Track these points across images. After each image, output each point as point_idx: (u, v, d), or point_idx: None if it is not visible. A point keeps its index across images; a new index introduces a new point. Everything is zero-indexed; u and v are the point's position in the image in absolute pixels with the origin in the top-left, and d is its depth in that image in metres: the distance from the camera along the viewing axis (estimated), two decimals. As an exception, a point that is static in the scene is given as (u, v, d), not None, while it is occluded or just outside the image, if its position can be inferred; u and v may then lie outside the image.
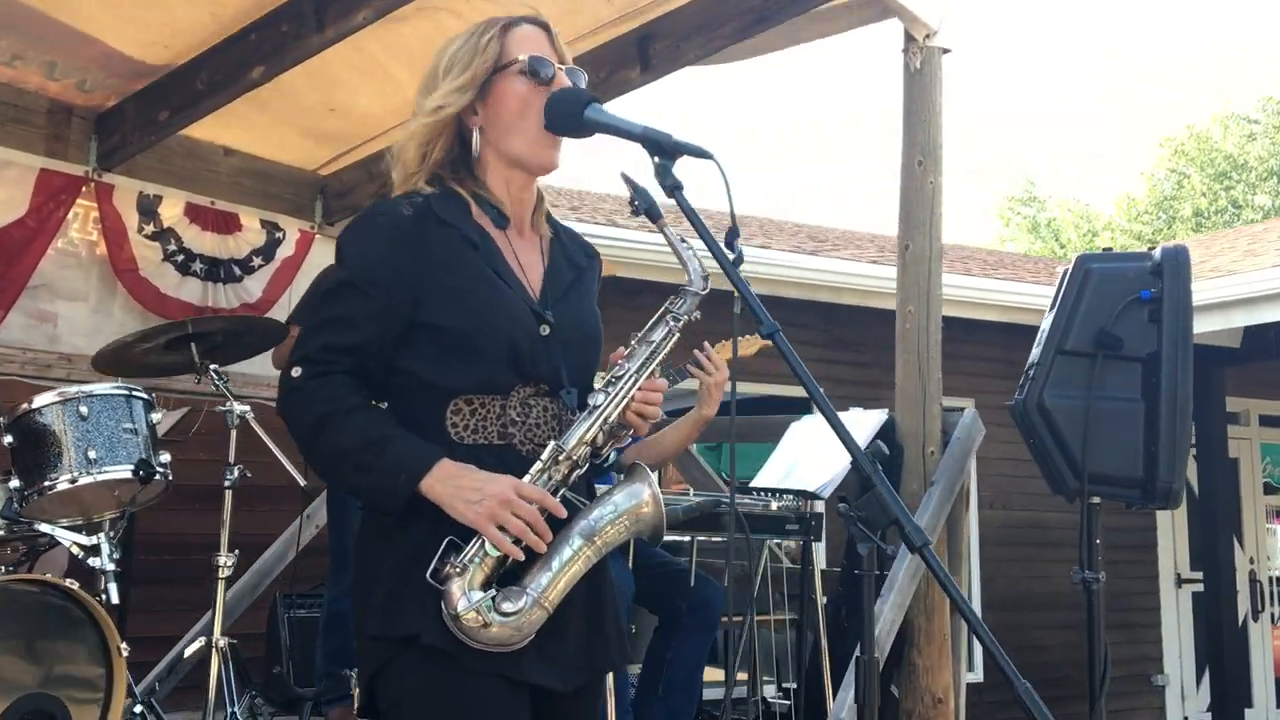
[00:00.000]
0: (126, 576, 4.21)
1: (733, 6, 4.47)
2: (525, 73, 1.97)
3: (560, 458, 1.89)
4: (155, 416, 3.49)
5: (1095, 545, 4.01)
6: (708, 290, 2.03)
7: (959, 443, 4.34)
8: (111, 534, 3.39)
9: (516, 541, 1.82)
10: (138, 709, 3.44)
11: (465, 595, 1.80)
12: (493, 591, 1.82)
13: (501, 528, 1.81)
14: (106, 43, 4.55)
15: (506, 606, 1.81)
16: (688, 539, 3.84)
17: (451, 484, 1.83)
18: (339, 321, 1.90)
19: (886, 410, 4.34)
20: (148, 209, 5.06)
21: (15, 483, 3.30)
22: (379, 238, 1.93)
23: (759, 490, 4.13)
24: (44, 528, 3.31)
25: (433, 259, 1.91)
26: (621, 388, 1.95)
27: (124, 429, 3.35)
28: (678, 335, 2.03)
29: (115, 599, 3.32)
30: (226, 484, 3.62)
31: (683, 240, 2.03)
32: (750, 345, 3.82)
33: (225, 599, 4.86)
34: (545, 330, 1.96)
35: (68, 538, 3.33)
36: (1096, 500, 4.00)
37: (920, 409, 4.34)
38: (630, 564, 3.77)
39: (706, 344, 3.77)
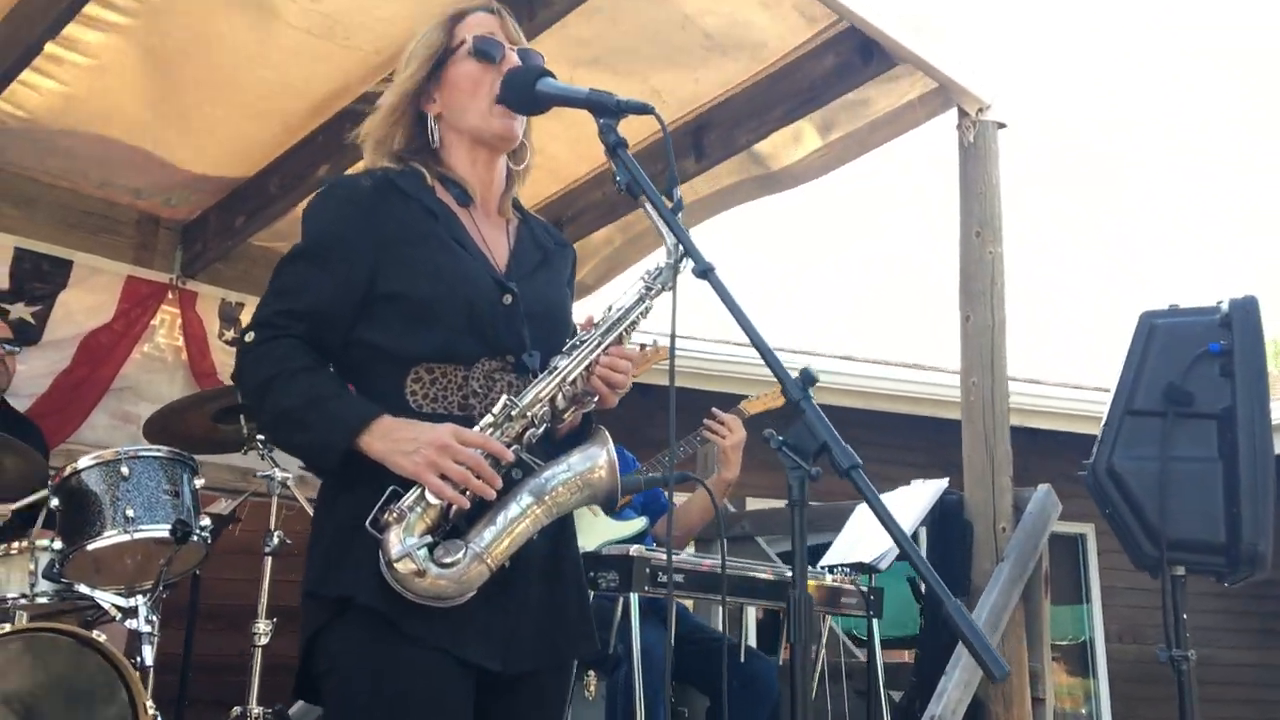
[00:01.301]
0: (181, 700, 4.20)
1: (781, 91, 4.52)
2: (473, 53, 2.03)
3: (513, 414, 1.84)
4: (198, 482, 3.54)
5: (1183, 621, 3.72)
6: (683, 263, 1.99)
7: (1032, 517, 4.10)
8: (149, 597, 3.40)
9: (464, 492, 1.77)
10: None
11: (401, 542, 1.74)
12: (429, 539, 1.75)
13: (444, 476, 1.76)
14: (188, 169, 4.85)
15: (445, 558, 1.74)
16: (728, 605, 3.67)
17: (389, 438, 1.79)
18: (294, 288, 1.92)
19: (946, 480, 4.16)
20: (229, 315, 5.27)
21: (58, 544, 3.36)
22: (336, 209, 1.96)
23: (815, 566, 3.95)
24: (82, 589, 3.35)
25: (391, 228, 1.92)
26: (585, 349, 1.91)
27: (164, 490, 3.40)
28: (650, 305, 2.00)
29: (149, 661, 3.32)
30: (266, 551, 3.64)
31: (661, 216, 2.01)
32: (759, 404, 3.75)
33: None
34: (508, 300, 1.94)
35: (106, 599, 3.36)
36: (1181, 571, 3.74)
37: (989, 483, 4.14)
38: (673, 637, 3.64)
39: (715, 409, 3.70)
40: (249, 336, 1.90)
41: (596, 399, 1.96)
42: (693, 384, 6.59)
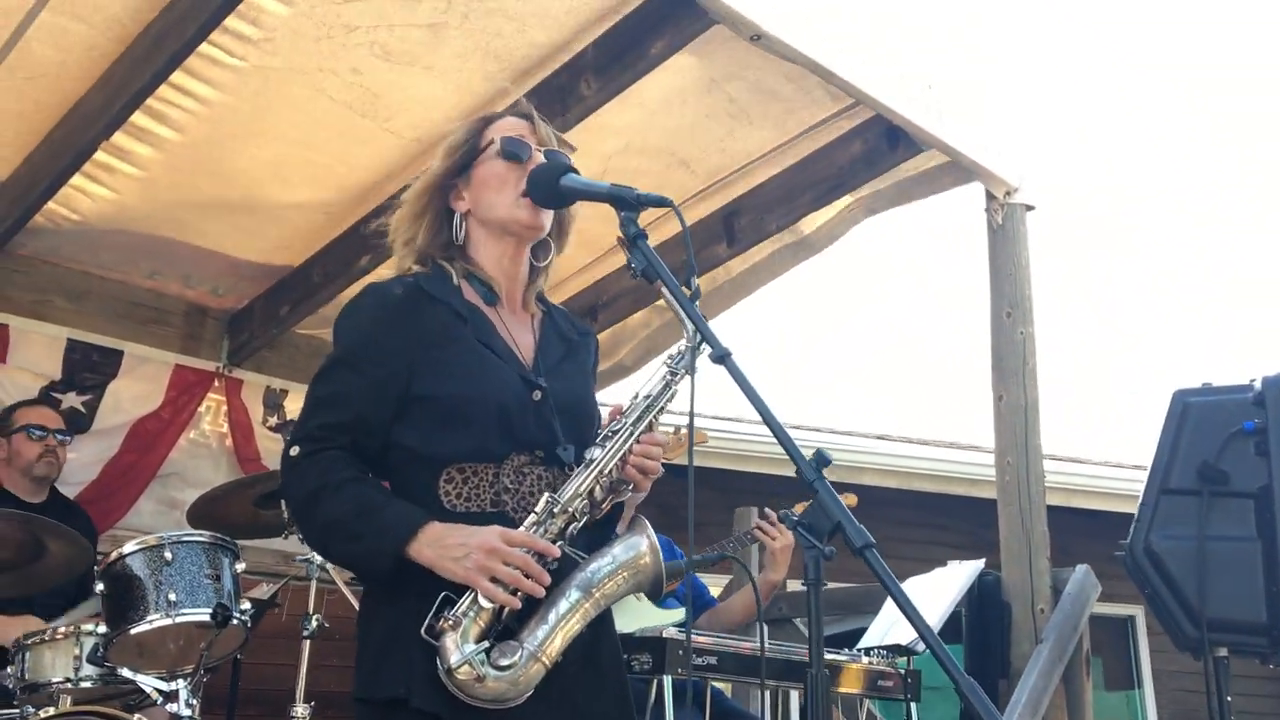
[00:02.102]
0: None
1: (810, 177, 4.61)
2: (501, 154, 2.11)
3: (555, 510, 1.89)
4: (240, 566, 3.60)
5: (1227, 704, 3.67)
6: (703, 348, 2.04)
7: (1070, 599, 4.07)
8: (190, 681, 3.45)
9: (514, 592, 1.81)
10: None
11: (459, 649, 1.78)
12: (487, 644, 1.79)
13: (495, 579, 1.80)
14: (234, 255, 5.00)
15: (502, 660, 1.78)
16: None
17: (438, 545, 1.84)
18: (333, 400, 1.98)
19: (982, 561, 4.14)
20: (274, 403, 5.38)
21: (102, 629, 3.43)
22: (370, 317, 2.03)
23: (853, 649, 3.93)
24: (125, 673, 3.40)
25: (423, 334, 1.99)
26: (618, 440, 1.97)
27: (205, 575, 3.46)
28: (676, 390, 2.05)
29: (189, 744, 3.36)
30: (305, 635, 3.68)
31: (679, 301, 2.07)
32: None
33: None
34: (537, 396, 2.00)
35: (148, 683, 3.41)
36: (1224, 653, 3.69)
37: (1026, 564, 4.13)
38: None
39: (769, 510, 3.73)
40: (293, 451, 1.96)
41: (632, 487, 2.01)
42: (729, 464, 6.63)
